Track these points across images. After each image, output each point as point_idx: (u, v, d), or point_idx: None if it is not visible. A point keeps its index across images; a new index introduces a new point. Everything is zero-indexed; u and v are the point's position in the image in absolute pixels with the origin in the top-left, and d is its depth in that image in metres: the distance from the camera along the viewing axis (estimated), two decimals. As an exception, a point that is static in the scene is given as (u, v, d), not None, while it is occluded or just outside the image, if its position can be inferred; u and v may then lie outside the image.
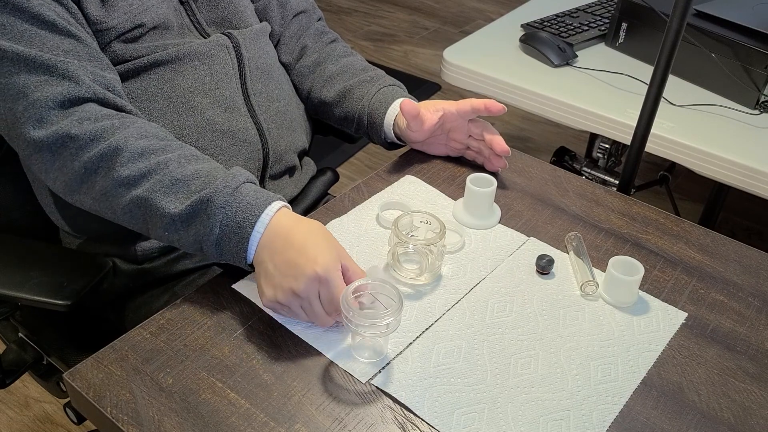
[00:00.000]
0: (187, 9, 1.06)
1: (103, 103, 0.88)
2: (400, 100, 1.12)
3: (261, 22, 1.17)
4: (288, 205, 0.86)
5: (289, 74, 1.22)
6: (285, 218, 0.83)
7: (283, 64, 1.22)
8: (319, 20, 1.29)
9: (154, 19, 0.98)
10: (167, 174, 0.84)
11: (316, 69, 1.21)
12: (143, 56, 0.97)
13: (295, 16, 1.24)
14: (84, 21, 0.92)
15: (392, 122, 1.12)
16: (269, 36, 1.18)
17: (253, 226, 0.82)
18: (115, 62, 0.96)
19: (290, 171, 1.15)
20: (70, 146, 0.85)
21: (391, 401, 0.77)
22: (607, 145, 1.71)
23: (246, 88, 1.06)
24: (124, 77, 0.97)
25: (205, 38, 1.06)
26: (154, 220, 0.84)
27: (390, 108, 1.12)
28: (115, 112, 0.88)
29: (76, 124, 0.84)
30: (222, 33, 1.07)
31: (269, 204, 0.83)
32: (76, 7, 0.91)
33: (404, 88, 1.18)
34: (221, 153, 1.02)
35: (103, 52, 0.95)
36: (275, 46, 1.21)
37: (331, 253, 0.80)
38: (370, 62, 1.23)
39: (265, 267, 0.81)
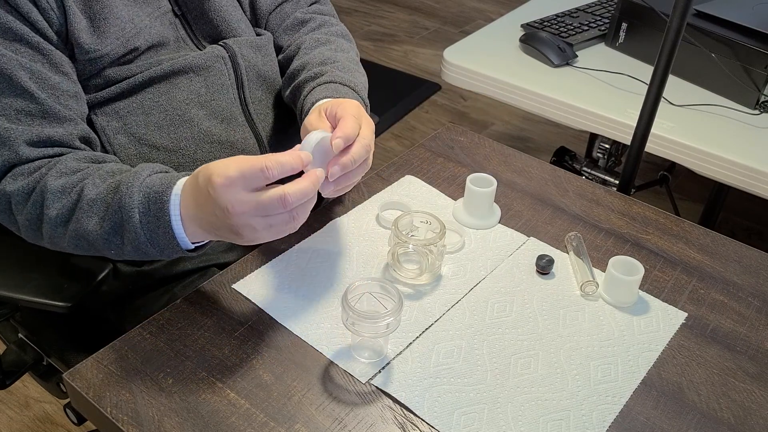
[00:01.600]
0: (182, 21, 1.04)
1: (39, 159, 0.88)
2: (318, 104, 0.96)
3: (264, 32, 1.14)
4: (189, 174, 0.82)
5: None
6: (188, 184, 0.80)
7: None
8: (312, 4, 1.19)
9: (148, 41, 0.97)
10: (85, 200, 0.84)
11: (285, 67, 1.12)
12: (137, 74, 0.96)
13: (271, 12, 1.15)
14: (62, 57, 0.91)
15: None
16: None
17: (168, 213, 0.79)
18: (109, 84, 0.96)
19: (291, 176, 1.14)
20: (12, 203, 0.87)
21: (391, 401, 0.77)
22: (607, 145, 1.71)
23: (244, 97, 1.05)
24: (119, 96, 0.96)
25: (201, 50, 1.05)
26: (96, 245, 0.85)
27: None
28: (46, 160, 0.88)
29: (11, 181, 0.87)
30: (218, 44, 1.06)
31: (175, 183, 0.80)
32: (50, 45, 0.90)
33: (340, 81, 1.00)
34: None
35: (96, 77, 0.95)
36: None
37: (222, 162, 0.75)
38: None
39: (216, 229, 0.78)
